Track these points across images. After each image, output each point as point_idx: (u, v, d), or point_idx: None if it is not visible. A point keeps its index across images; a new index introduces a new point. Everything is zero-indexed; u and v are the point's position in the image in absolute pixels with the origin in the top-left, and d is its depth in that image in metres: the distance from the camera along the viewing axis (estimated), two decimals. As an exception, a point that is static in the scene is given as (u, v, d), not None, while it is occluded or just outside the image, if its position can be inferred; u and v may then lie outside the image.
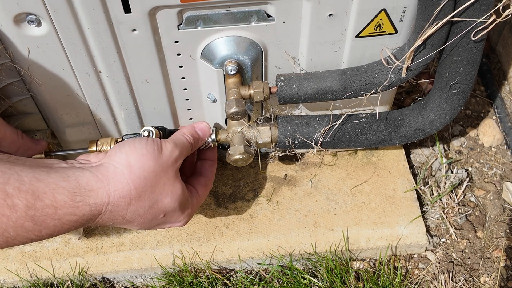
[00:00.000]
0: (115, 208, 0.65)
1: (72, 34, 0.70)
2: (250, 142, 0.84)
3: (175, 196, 0.72)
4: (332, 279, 0.91)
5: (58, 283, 0.93)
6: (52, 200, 0.59)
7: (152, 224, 0.73)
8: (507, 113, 1.12)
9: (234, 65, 0.76)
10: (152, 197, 0.69)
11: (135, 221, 0.69)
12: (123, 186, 0.65)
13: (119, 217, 0.67)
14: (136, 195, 0.67)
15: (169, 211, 0.72)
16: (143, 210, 0.69)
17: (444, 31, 0.69)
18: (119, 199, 0.65)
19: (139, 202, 0.68)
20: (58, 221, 0.60)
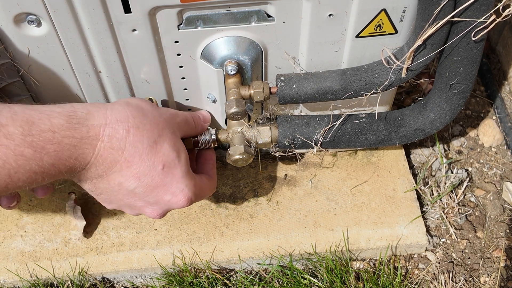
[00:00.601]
0: (113, 132, 0.61)
1: (72, 34, 0.70)
2: (250, 142, 0.84)
3: (175, 147, 0.68)
4: (332, 279, 0.91)
5: (58, 283, 0.93)
6: (48, 124, 0.57)
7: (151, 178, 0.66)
8: (507, 113, 1.12)
9: (234, 65, 0.76)
10: (150, 135, 0.64)
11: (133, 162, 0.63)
12: (120, 112, 0.63)
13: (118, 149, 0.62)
14: (134, 125, 0.63)
15: (167, 162, 0.66)
16: (141, 147, 0.63)
17: (444, 31, 0.69)
18: (116, 122, 0.62)
19: (138, 133, 0.63)
20: (57, 145, 0.57)
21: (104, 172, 0.63)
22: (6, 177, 0.54)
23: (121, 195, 0.67)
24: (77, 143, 0.58)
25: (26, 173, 0.55)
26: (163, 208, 0.70)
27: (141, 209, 0.71)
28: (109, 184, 0.65)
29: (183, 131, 0.73)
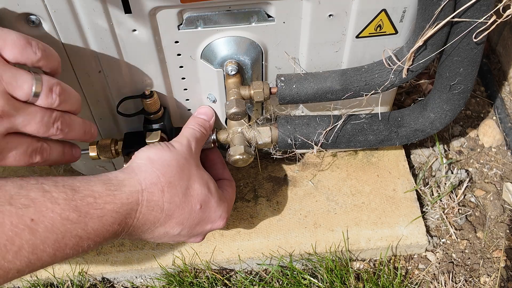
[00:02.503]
0: (150, 196, 0.64)
1: (72, 34, 0.70)
2: (250, 142, 0.84)
3: (203, 181, 0.72)
4: (332, 279, 0.91)
5: (58, 283, 0.93)
6: (90, 190, 0.59)
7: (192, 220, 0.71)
8: (507, 113, 1.12)
9: (234, 65, 0.76)
10: (181, 184, 0.68)
11: (174, 214, 0.68)
12: (150, 174, 0.66)
13: (157, 209, 0.65)
14: (166, 182, 0.66)
15: (203, 200, 0.71)
16: (178, 199, 0.67)
17: (445, 32, 0.69)
18: (151, 185, 0.65)
19: (172, 189, 0.67)
20: (100, 211, 0.58)
21: (147, 229, 0.66)
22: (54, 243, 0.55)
23: (167, 238, 0.71)
24: (119, 209, 0.60)
25: (72, 238, 0.56)
26: (204, 234, 0.76)
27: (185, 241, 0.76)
28: (154, 235, 0.69)
29: (200, 149, 0.77)
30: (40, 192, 0.55)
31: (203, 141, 0.79)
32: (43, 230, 0.54)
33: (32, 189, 0.55)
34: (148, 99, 0.79)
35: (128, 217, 0.62)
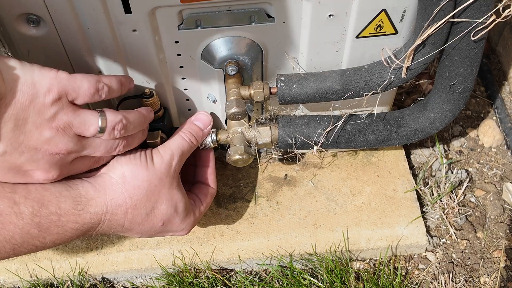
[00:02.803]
0: (113, 217, 0.70)
1: (72, 34, 0.70)
2: (250, 142, 0.84)
3: (172, 203, 0.75)
4: (332, 279, 0.91)
5: (58, 283, 0.93)
6: (57, 208, 0.64)
7: (152, 232, 0.76)
8: (507, 113, 1.12)
9: (234, 65, 0.76)
10: (147, 205, 0.73)
11: (134, 229, 0.73)
12: (118, 195, 0.70)
13: (118, 226, 0.71)
14: (132, 204, 0.71)
15: (167, 219, 0.75)
16: (140, 218, 0.73)
17: (444, 31, 0.69)
18: (116, 207, 0.70)
19: (135, 211, 0.72)
20: (61, 228, 0.64)
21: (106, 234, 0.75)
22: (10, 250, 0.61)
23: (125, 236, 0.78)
24: (80, 227, 0.66)
25: (28, 247, 0.63)
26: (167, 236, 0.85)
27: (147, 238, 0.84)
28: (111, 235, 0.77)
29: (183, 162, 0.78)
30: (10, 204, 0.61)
31: (190, 152, 0.79)
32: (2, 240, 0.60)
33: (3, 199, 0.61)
34: (148, 99, 0.79)
35: (87, 232, 0.68)
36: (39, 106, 0.60)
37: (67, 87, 0.62)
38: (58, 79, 0.62)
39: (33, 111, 0.60)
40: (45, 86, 0.61)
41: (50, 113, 0.61)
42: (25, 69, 0.60)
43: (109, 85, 0.67)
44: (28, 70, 0.61)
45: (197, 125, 0.81)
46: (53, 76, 0.62)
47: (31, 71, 0.61)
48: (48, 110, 0.61)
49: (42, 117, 0.61)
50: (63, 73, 0.63)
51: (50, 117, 0.61)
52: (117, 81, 0.69)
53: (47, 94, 0.61)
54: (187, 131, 0.79)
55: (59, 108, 0.62)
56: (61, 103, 0.62)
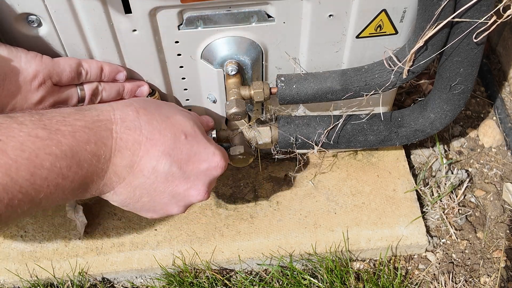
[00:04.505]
0: (124, 115, 0.60)
1: (73, 35, 0.70)
2: (251, 142, 0.84)
3: (187, 115, 0.67)
4: (332, 279, 0.91)
5: (58, 283, 0.93)
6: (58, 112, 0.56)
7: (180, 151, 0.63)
8: (507, 114, 1.12)
9: (235, 65, 0.76)
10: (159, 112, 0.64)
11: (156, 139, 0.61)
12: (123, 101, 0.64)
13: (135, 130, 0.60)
14: (141, 106, 0.63)
15: (188, 131, 0.65)
16: (156, 123, 0.62)
17: (445, 32, 0.69)
18: (123, 106, 0.61)
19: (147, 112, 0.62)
20: (71, 127, 0.55)
21: (132, 159, 0.60)
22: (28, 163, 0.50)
23: (161, 185, 0.63)
24: (91, 126, 0.56)
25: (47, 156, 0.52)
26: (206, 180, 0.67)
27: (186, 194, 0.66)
28: (143, 175, 0.61)
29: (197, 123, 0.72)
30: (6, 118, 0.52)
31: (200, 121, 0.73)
32: (12, 148, 0.50)
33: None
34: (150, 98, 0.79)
35: (104, 136, 0.57)
36: (26, 92, 0.64)
37: (51, 72, 0.67)
38: (43, 65, 0.66)
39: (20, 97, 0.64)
40: (31, 72, 0.65)
41: (37, 98, 0.66)
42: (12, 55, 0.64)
43: (88, 70, 0.71)
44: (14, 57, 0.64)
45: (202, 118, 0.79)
46: (38, 62, 0.66)
47: (18, 58, 0.64)
48: (34, 94, 0.65)
49: (29, 102, 0.65)
50: (47, 59, 0.67)
51: (37, 101, 0.66)
52: (97, 66, 0.72)
53: (33, 80, 0.65)
54: None
55: (44, 92, 0.66)
56: (46, 86, 0.66)
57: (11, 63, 0.63)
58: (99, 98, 0.73)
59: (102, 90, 0.73)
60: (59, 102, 0.69)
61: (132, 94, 0.77)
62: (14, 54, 0.64)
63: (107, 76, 0.74)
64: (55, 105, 0.68)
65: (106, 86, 0.74)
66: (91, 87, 0.72)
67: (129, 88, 0.76)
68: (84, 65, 0.71)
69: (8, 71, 0.63)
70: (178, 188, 0.65)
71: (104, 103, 0.65)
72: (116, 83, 0.76)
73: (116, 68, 0.75)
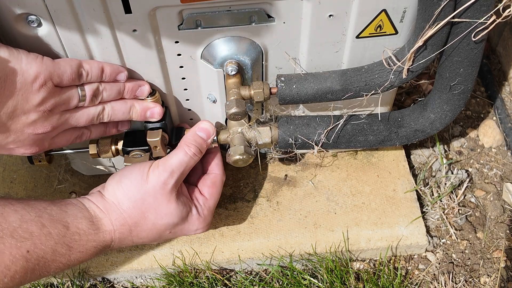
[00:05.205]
0: (121, 235, 0.74)
1: (72, 34, 0.70)
2: (250, 142, 0.84)
3: (172, 216, 0.77)
4: (332, 279, 0.91)
5: (58, 284, 0.93)
6: (76, 228, 0.69)
7: (165, 238, 0.81)
8: (507, 114, 1.12)
9: (235, 65, 0.76)
10: (148, 222, 0.76)
11: (144, 241, 0.78)
12: (118, 216, 0.74)
13: (128, 242, 0.76)
14: (133, 223, 0.75)
15: (172, 228, 0.79)
16: (145, 233, 0.77)
17: (445, 32, 0.69)
18: (120, 226, 0.74)
19: (138, 228, 0.76)
20: (83, 247, 0.70)
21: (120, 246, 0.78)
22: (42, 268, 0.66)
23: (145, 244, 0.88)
24: (97, 245, 0.72)
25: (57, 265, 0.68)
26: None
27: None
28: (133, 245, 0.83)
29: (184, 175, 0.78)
30: (39, 226, 0.65)
31: (192, 166, 0.79)
32: (35, 259, 0.64)
33: (32, 222, 0.65)
34: (150, 98, 0.79)
35: (103, 249, 0.74)
36: (27, 94, 0.65)
37: (52, 73, 0.67)
38: (44, 66, 0.66)
39: (21, 98, 0.64)
40: (32, 74, 0.65)
41: (38, 99, 0.66)
42: (13, 57, 0.64)
43: (89, 71, 0.72)
44: (15, 58, 0.64)
45: (201, 136, 0.80)
46: (39, 64, 0.66)
47: (19, 60, 0.64)
48: (35, 96, 0.65)
49: (30, 104, 0.65)
50: (48, 60, 0.67)
51: (38, 103, 0.66)
52: (98, 67, 0.72)
53: (34, 81, 0.65)
54: (192, 145, 0.78)
55: (45, 93, 0.66)
56: (47, 88, 0.66)
57: (12, 65, 0.63)
58: (99, 98, 0.73)
59: (103, 91, 0.73)
60: (60, 103, 0.69)
61: (132, 94, 0.77)
62: (15, 55, 0.64)
63: (108, 77, 0.74)
64: (56, 106, 0.68)
65: (107, 86, 0.74)
66: (92, 88, 0.72)
67: (129, 88, 0.76)
68: (85, 66, 0.71)
69: (9, 73, 0.63)
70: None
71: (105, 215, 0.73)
72: (117, 83, 0.75)
73: (117, 68, 0.74)
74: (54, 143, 0.75)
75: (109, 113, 0.76)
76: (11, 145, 0.69)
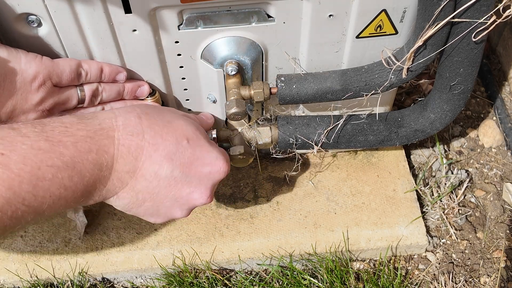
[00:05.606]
0: (126, 121, 0.61)
1: (73, 34, 0.70)
2: (250, 142, 0.84)
3: (189, 120, 0.68)
4: (332, 279, 0.91)
5: (58, 283, 0.93)
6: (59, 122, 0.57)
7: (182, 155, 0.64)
8: (507, 114, 1.12)
9: (235, 65, 0.76)
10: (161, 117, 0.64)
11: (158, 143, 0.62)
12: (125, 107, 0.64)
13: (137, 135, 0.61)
14: (143, 112, 0.63)
15: (190, 135, 0.65)
16: (158, 127, 0.63)
17: (445, 32, 0.69)
18: (125, 112, 0.62)
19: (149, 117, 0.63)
20: (73, 137, 0.56)
21: (134, 165, 0.60)
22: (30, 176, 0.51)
23: (164, 189, 0.64)
24: (93, 135, 0.57)
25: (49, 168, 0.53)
26: (209, 184, 0.67)
27: (189, 198, 0.67)
28: (145, 179, 0.62)
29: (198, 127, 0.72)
30: (9, 130, 0.53)
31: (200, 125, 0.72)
32: (15, 162, 0.50)
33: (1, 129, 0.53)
34: (150, 98, 0.79)
35: (106, 144, 0.58)
36: (26, 93, 0.65)
37: (51, 73, 0.67)
38: (43, 66, 0.66)
39: (20, 98, 0.64)
40: (31, 73, 0.65)
41: (37, 99, 0.66)
42: (12, 57, 0.64)
43: (88, 71, 0.71)
44: (14, 58, 0.64)
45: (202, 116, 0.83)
46: (38, 64, 0.66)
47: (18, 59, 0.65)
48: (34, 95, 0.66)
49: (29, 103, 0.65)
50: (47, 60, 0.67)
51: (37, 102, 0.66)
52: (97, 67, 0.72)
53: (33, 81, 0.65)
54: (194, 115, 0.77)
55: (44, 93, 0.66)
56: (46, 87, 0.66)
57: (11, 64, 0.63)
58: (99, 98, 0.73)
59: (102, 91, 0.73)
60: (59, 103, 0.69)
61: (132, 94, 0.77)
62: (14, 55, 0.64)
63: (107, 77, 0.74)
64: (55, 106, 0.68)
65: (106, 86, 0.74)
66: (91, 88, 0.72)
67: (129, 88, 0.76)
68: (84, 66, 0.71)
69: (8, 72, 0.63)
70: (181, 191, 0.65)
71: (107, 110, 0.66)
72: (116, 83, 0.75)
73: (116, 69, 0.74)
74: None
75: None
76: None
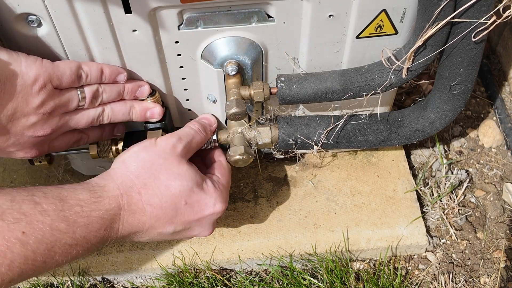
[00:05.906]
0: (129, 200, 0.68)
1: (73, 35, 0.70)
2: (251, 142, 0.84)
3: (184, 177, 0.72)
4: (332, 279, 0.91)
5: (58, 284, 0.93)
6: (76, 200, 0.63)
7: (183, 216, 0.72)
8: (507, 114, 1.12)
9: (235, 65, 0.76)
10: (159, 183, 0.70)
11: (159, 215, 0.70)
12: (125, 178, 0.69)
13: (140, 212, 0.68)
14: (141, 184, 0.69)
15: (187, 195, 0.71)
16: (158, 199, 0.69)
17: (445, 32, 0.69)
18: (128, 189, 0.68)
19: (148, 190, 0.69)
20: (87, 218, 0.63)
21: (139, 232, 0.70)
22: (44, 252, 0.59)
23: (167, 237, 0.74)
24: (103, 215, 0.65)
25: (61, 246, 0.60)
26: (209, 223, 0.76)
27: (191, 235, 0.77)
28: (150, 236, 0.72)
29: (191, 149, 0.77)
30: (31, 205, 0.59)
31: (198, 142, 0.79)
32: (34, 241, 0.58)
33: (23, 201, 0.59)
34: (150, 98, 0.79)
35: (113, 222, 0.66)
36: (27, 96, 0.65)
37: (52, 75, 0.67)
38: (43, 69, 0.66)
39: (21, 101, 0.64)
40: (32, 76, 0.65)
41: (37, 102, 0.66)
42: (12, 60, 0.64)
43: (88, 72, 0.71)
44: (15, 61, 0.64)
45: (202, 120, 0.83)
46: (38, 66, 0.66)
47: (19, 62, 0.64)
48: (35, 98, 0.65)
49: (30, 106, 0.65)
50: (47, 62, 0.67)
51: (37, 105, 0.66)
52: (97, 69, 0.72)
53: (34, 84, 0.65)
54: (195, 123, 0.80)
55: (45, 95, 0.66)
56: (46, 90, 0.66)
57: (11, 67, 0.63)
58: (99, 100, 0.73)
59: (102, 92, 0.74)
60: (60, 105, 0.69)
61: (132, 95, 0.77)
62: (14, 58, 0.64)
63: (107, 78, 0.74)
64: (56, 108, 0.68)
65: (107, 87, 0.74)
66: (91, 90, 0.72)
67: (129, 89, 0.77)
68: (84, 68, 0.71)
69: (9, 75, 0.63)
70: (183, 235, 0.76)
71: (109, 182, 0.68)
72: (116, 84, 0.75)
73: (116, 70, 0.74)
74: (53, 147, 0.75)
75: (109, 115, 0.76)
76: (11, 148, 0.69)
